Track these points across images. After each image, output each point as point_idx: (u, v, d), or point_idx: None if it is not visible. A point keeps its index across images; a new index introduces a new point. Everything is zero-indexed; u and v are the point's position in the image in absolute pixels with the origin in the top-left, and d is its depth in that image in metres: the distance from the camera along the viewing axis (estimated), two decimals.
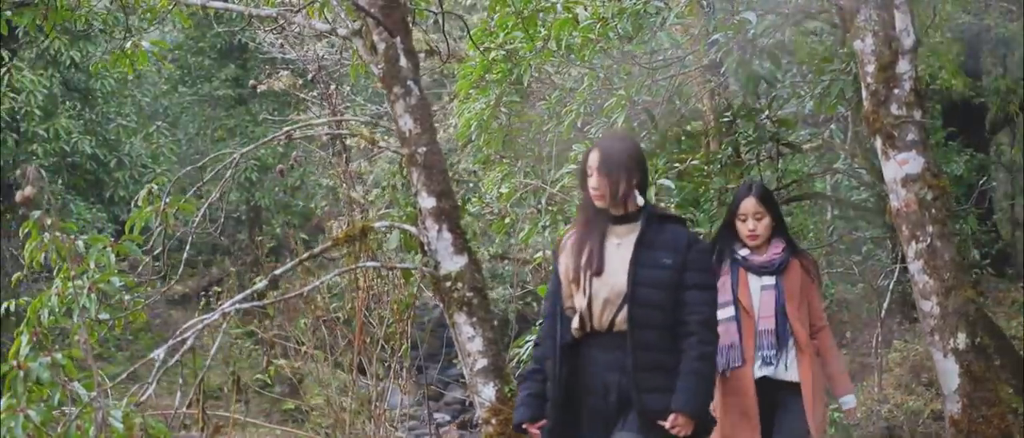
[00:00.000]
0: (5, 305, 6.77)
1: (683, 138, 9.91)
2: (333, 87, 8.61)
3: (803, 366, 6.24)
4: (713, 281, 5.26)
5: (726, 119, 9.63)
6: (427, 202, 6.76)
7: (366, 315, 7.23)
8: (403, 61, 6.47)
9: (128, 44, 8.01)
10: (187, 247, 7.27)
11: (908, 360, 12.81)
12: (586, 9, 9.53)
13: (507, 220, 11.27)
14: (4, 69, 17.78)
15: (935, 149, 12.79)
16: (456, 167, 15.28)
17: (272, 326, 6.70)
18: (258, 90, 15.51)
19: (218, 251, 25.64)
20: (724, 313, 6.20)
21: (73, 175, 20.45)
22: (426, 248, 6.82)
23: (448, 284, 6.90)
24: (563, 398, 5.19)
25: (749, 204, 6.36)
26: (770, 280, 6.33)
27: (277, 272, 6.42)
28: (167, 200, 6.82)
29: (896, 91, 6.07)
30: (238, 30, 21.38)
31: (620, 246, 5.17)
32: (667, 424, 5.03)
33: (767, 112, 9.64)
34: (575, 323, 5.19)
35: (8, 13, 7.83)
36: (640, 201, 5.22)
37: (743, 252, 6.38)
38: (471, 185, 14.56)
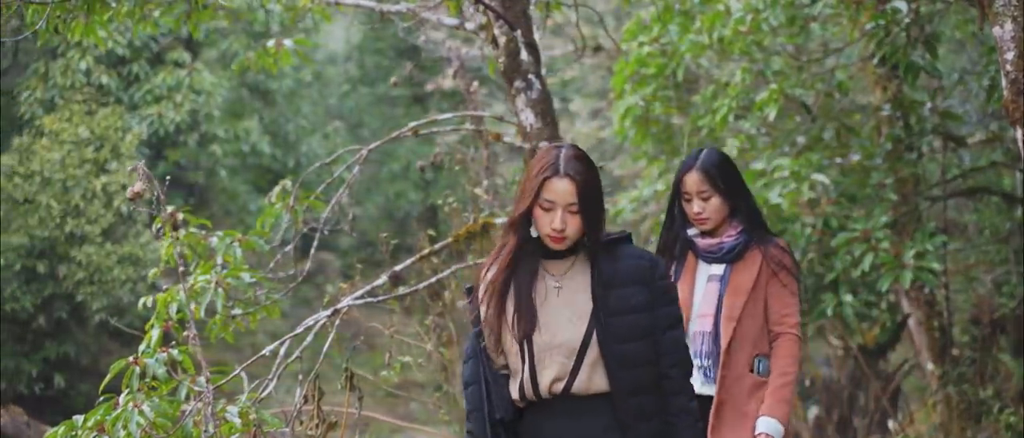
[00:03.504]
0: (143, 300, 6.90)
1: (842, 131, 9.59)
2: (475, 84, 8.56)
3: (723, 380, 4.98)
4: (680, 313, 4.02)
5: (884, 112, 9.30)
6: None
7: None
8: (524, 54, 6.35)
9: (271, 43, 8.09)
10: (308, 243, 7.24)
11: None
12: (738, 0, 9.33)
13: (664, 217, 11.05)
14: (186, 71, 18.26)
15: None
16: (611, 171, 15.15)
17: (393, 323, 6.66)
18: (428, 89, 15.63)
19: (400, 250, 25.95)
20: None
21: (255, 174, 20.94)
22: None
23: None
24: None
25: (692, 180, 5.02)
26: (719, 269, 5.07)
27: (397, 268, 6.39)
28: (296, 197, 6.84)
29: None
30: (412, 30, 21.62)
31: (562, 290, 3.91)
32: None
33: (930, 103, 9.29)
34: (514, 392, 3.95)
35: (157, 14, 7.94)
36: None
37: (692, 231, 5.12)
38: (626, 188, 14.36)
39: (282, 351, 6.10)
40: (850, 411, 9.80)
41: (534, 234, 3.90)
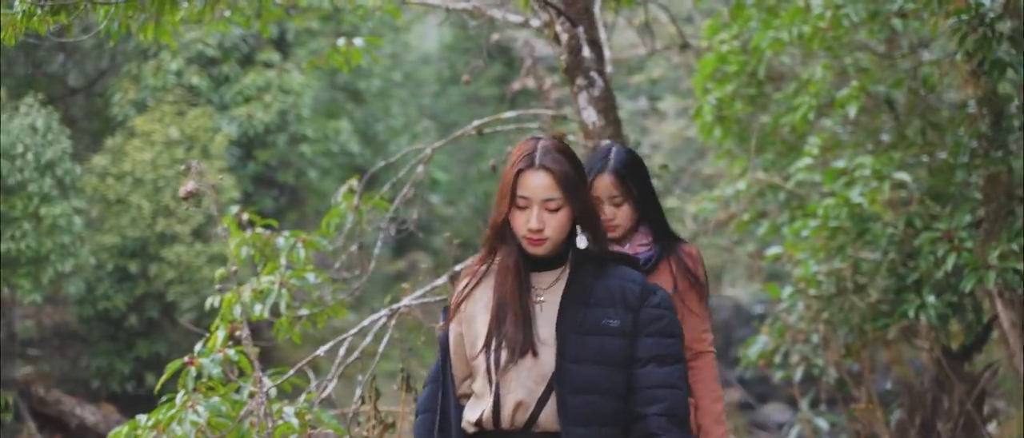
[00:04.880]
0: (210, 300, 6.91)
1: (927, 129, 9.34)
2: (549, 81, 8.46)
3: None
4: (680, 351, 3.49)
5: (971, 109, 9.04)
6: None
7: None
8: (586, 51, 6.24)
9: (341, 41, 8.08)
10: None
11: None
12: None
13: (746, 217, 10.90)
14: (275, 71, 18.38)
15: None
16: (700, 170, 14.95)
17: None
18: (513, 88, 15.53)
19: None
20: None
21: (346, 174, 21.03)
22: None
23: None
24: None
25: (602, 184, 4.32)
26: None
27: (457, 268, 6.33)
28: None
29: None
30: (489, 26, 21.60)
31: (545, 305, 3.47)
32: None
33: (1017, 100, 9.02)
34: (472, 416, 3.49)
35: (228, 13, 7.94)
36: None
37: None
38: (713, 187, 14.19)
39: (342, 351, 6.07)
40: (933, 415, 9.55)
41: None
